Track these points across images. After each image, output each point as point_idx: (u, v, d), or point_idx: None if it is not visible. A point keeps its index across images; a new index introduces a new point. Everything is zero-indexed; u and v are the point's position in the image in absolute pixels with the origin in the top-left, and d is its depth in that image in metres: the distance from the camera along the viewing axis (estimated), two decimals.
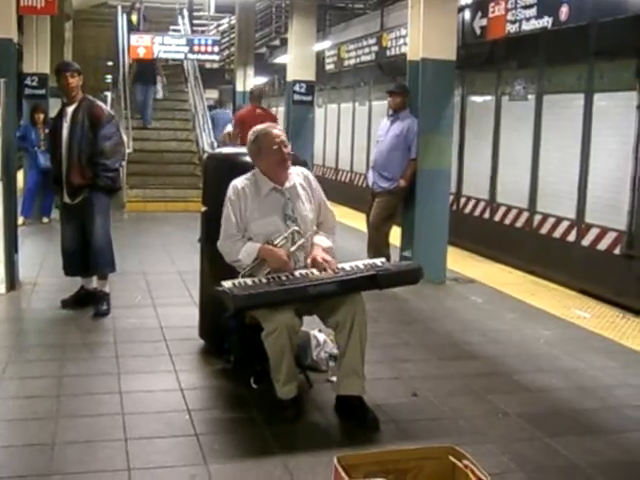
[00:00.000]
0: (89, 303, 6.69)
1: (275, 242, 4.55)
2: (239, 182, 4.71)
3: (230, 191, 4.70)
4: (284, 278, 4.43)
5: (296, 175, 4.78)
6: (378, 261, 4.76)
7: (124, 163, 8.71)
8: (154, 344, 5.80)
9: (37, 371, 5.17)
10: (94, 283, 6.80)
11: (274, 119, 12.02)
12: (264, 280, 4.41)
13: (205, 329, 5.73)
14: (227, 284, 4.33)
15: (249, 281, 4.39)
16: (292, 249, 4.57)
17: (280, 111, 21.24)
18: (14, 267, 7.48)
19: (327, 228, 4.85)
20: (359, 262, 4.70)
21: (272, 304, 4.27)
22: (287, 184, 4.70)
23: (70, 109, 6.60)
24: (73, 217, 6.69)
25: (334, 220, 4.94)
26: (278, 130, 4.73)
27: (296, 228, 4.59)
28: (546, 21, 9.15)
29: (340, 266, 4.58)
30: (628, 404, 4.81)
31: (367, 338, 4.44)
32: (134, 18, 20.05)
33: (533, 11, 9.38)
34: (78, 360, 5.41)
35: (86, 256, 6.64)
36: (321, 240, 4.72)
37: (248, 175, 4.75)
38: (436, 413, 4.62)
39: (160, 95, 16.96)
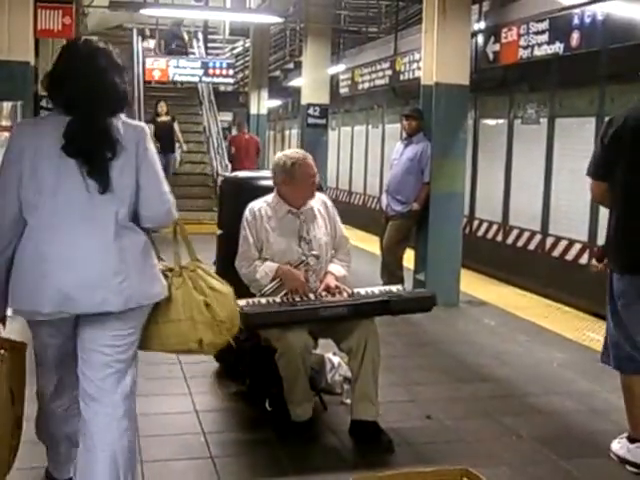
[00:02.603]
0: None
1: (295, 264, 4.60)
2: (256, 204, 4.78)
3: (247, 213, 4.76)
4: (298, 299, 4.48)
5: (314, 200, 4.84)
6: (394, 287, 4.80)
7: None
8: (169, 366, 5.82)
9: None
10: None
11: (258, 143, 16.04)
12: (277, 300, 4.47)
13: (220, 351, 5.74)
14: (241, 302, 4.38)
15: (263, 300, 4.45)
16: (309, 274, 4.63)
17: (294, 134, 21.36)
18: None
19: (342, 255, 4.89)
20: (375, 288, 4.74)
21: (283, 324, 4.32)
22: (303, 207, 4.76)
23: None
24: None
25: (349, 247, 4.98)
26: (313, 163, 4.76)
27: (315, 253, 4.64)
28: (558, 47, 9.21)
29: (356, 291, 4.63)
30: None
31: (380, 363, 4.47)
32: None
33: (545, 37, 9.44)
34: None
35: None
36: (336, 269, 4.77)
37: (266, 198, 4.81)
38: (450, 435, 4.64)
39: (177, 163, 16.40)
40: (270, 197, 4.80)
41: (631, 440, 4.23)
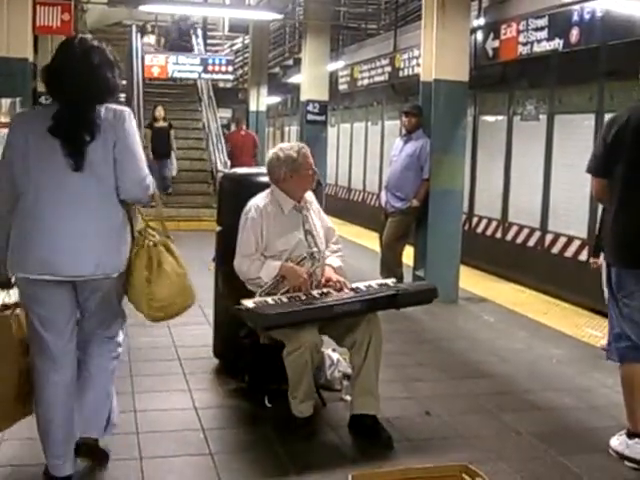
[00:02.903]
0: None
1: (297, 261, 4.60)
2: (259, 201, 4.75)
3: (252, 210, 4.73)
4: (304, 297, 4.46)
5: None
6: (389, 281, 4.81)
7: None
8: (168, 363, 5.84)
9: None
10: None
11: (255, 139, 15.86)
12: (284, 299, 4.45)
13: (219, 348, 5.76)
14: (248, 303, 4.36)
15: (270, 300, 4.42)
16: (312, 269, 4.63)
17: (293, 130, 21.34)
18: None
19: (333, 245, 4.91)
20: (372, 282, 4.75)
21: (299, 322, 4.31)
22: (303, 202, 4.78)
23: None
24: None
25: (337, 236, 5.01)
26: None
27: (316, 249, 4.65)
28: (557, 43, 9.21)
29: (354, 285, 4.63)
30: None
31: (381, 358, 4.48)
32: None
33: (544, 33, 9.44)
34: None
35: None
36: (332, 260, 4.79)
37: (265, 194, 4.80)
38: (449, 432, 4.64)
39: (175, 172, 15.79)
40: (269, 194, 4.79)
41: (630, 436, 4.24)
